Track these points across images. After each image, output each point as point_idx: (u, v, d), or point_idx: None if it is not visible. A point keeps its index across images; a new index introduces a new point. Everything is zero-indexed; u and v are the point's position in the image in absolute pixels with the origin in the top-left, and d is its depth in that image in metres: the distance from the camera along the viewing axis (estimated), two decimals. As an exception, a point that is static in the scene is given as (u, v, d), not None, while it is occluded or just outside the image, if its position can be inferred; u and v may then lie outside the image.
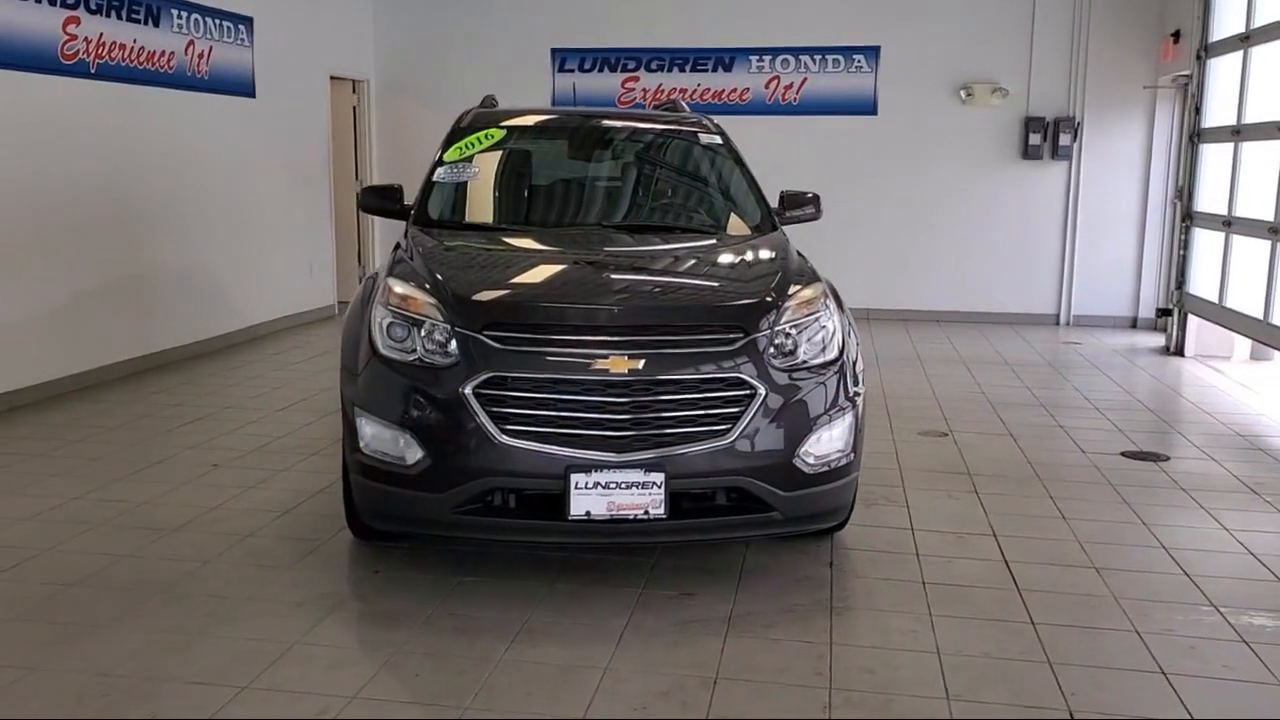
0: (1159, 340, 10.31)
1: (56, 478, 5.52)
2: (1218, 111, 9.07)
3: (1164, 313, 9.80)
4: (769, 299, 4.19)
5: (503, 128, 5.55)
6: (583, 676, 3.51)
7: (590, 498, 3.84)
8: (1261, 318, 7.80)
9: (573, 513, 3.84)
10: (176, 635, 3.77)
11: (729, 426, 3.93)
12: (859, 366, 4.38)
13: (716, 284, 4.50)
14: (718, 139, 5.66)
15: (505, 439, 3.86)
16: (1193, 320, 9.48)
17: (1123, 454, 6.32)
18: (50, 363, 7.23)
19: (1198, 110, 9.34)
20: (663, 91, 11.53)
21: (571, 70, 11.69)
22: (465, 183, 5.29)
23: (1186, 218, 9.49)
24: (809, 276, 4.49)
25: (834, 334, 4.26)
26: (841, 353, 4.25)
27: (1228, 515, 5.22)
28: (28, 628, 3.82)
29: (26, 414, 6.80)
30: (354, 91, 11.69)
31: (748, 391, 3.95)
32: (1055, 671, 3.60)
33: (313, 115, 10.74)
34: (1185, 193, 9.51)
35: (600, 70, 11.66)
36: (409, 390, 4.00)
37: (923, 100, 11.22)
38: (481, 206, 5.36)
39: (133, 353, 8.03)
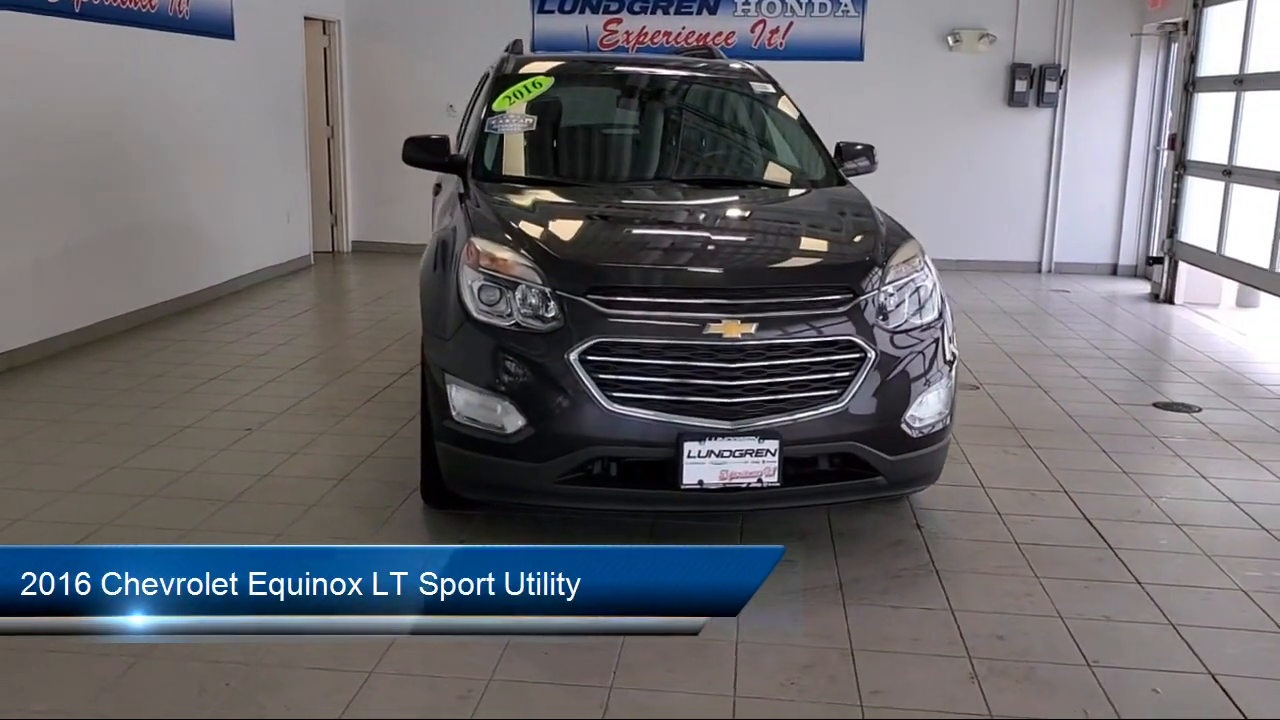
0: (1144, 287, 10.43)
1: (85, 444, 5.25)
2: (1215, 60, 9.11)
3: (1155, 260, 9.90)
4: (873, 258, 4.09)
5: (550, 75, 5.33)
6: (717, 649, 3.42)
7: (703, 466, 3.73)
8: (1268, 266, 7.89)
9: (685, 482, 3.73)
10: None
11: (840, 391, 3.84)
12: (952, 326, 4.30)
13: (818, 243, 4.38)
14: (770, 88, 5.51)
15: (614, 407, 3.72)
16: (1183, 268, 9.59)
17: (1154, 405, 6.37)
18: (45, 320, 6.87)
19: (1193, 59, 9.38)
20: (646, 34, 11.28)
21: (552, 11, 11.37)
22: (521, 134, 5.08)
23: (1180, 166, 9.55)
24: (902, 233, 4.39)
25: (932, 293, 4.18)
26: (940, 313, 4.18)
27: (1281, 467, 5.30)
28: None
29: (28, 375, 6.47)
30: (324, 32, 11.24)
31: (858, 354, 3.86)
32: (1181, 634, 3.60)
33: (288, 57, 10.31)
34: (1179, 141, 9.56)
35: (581, 11, 11.35)
36: (508, 357, 3.83)
37: (910, 46, 11.11)
38: (542, 160, 5.16)
39: (124, 308, 7.67)
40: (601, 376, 3.73)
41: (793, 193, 4.96)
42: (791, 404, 3.78)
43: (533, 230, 4.16)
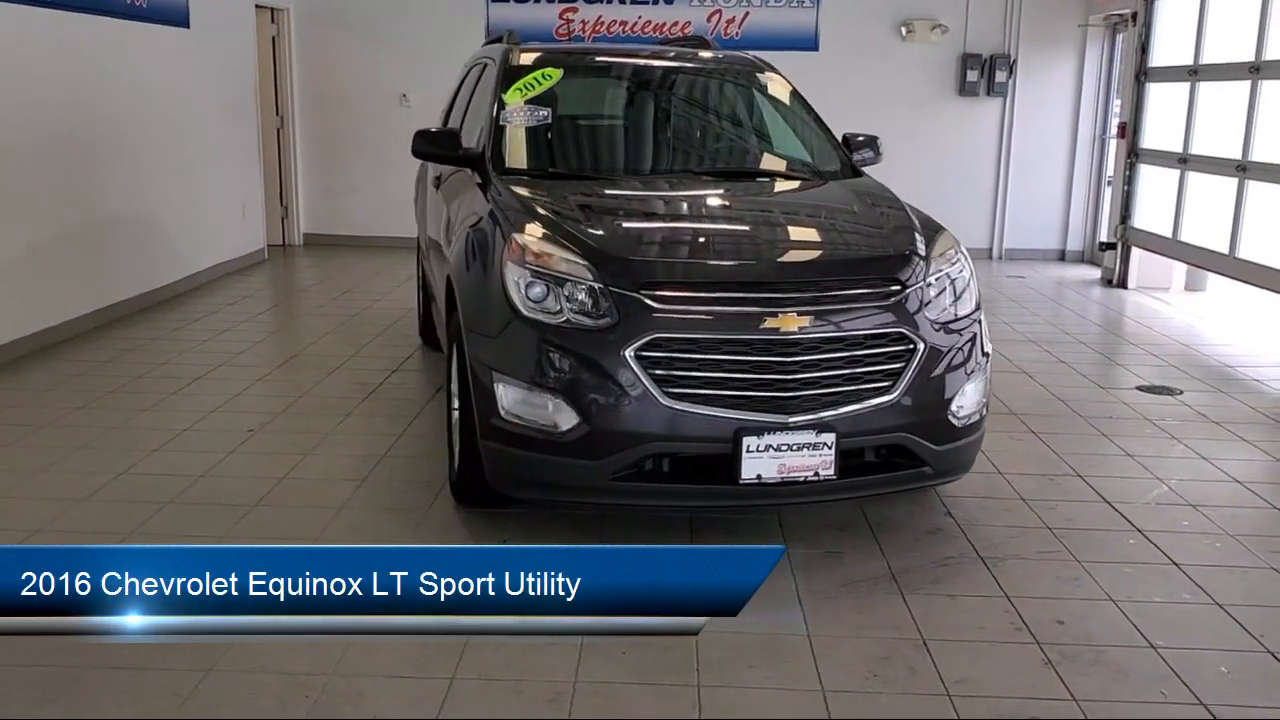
0: (1093, 273, 10.70)
1: (84, 450, 5.06)
2: (1168, 51, 9.35)
3: (1107, 246, 10.14)
4: (917, 249, 4.13)
5: (560, 67, 5.25)
6: (792, 644, 3.43)
7: (761, 461, 3.73)
8: (1227, 251, 8.14)
9: (744, 477, 3.73)
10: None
11: (891, 383, 3.87)
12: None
13: (862, 235, 4.38)
14: (775, 79, 5.51)
15: (671, 403, 3.70)
16: (1135, 252, 9.84)
17: (1137, 388, 6.54)
18: (12, 321, 6.60)
19: (1144, 49, 9.62)
20: (602, 24, 11.21)
21: (506, 0, 11.24)
22: (539, 127, 4.99)
23: (1132, 154, 9.80)
24: (935, 225, 4.43)
25: (969, 283, 4.23)
26: (977, 304, 4.23)
27: (1275, 447, 5.47)
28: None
29: (3, 379, 6.21)
30: (273, 21, 10.95)
31: (909, 346, 3.89)
32: (1229, 613, 3.70)
33: (241, 46, 10.04)
34: (1130, 130, 9.80)
35: (536, 0, 11.24)
36: (560, 354, 3.78)
37: (864, 36, 11.21)
38: (563, 153, 5.10)
39: (89, 307, 7.40)
40: (657, 372, 3.71)
41: (819, 184, 4.96)
42: (846, 397, 3.80)
43: (575, 225, 4.10)
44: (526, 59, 5.28)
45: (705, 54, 5.72)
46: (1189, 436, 5.62)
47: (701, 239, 4.21)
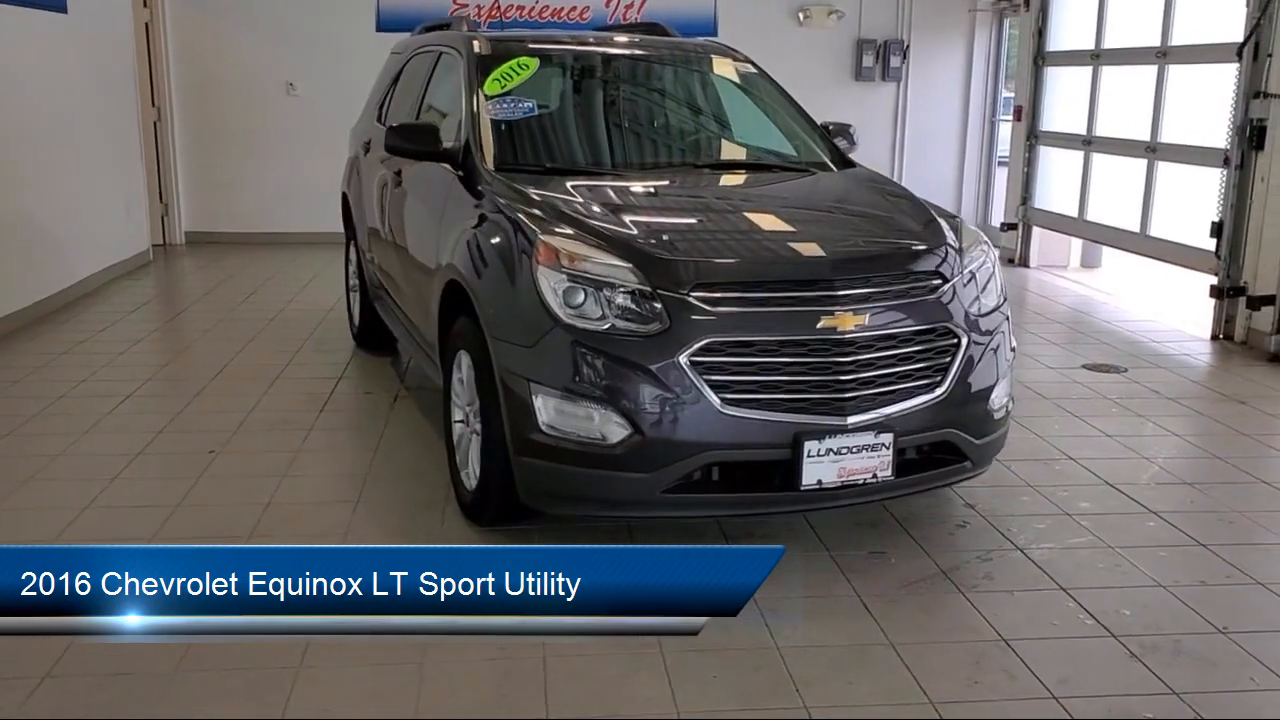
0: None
1: (33, 483, 4.59)
2: (1065, 35, 9.62)
3: (1009, 226, 10.40)
4: (950, 241, 4.07)
5: (536, 56, 4.99)
6: (878, 655, 3.33)
7: (822, 465, 3.61)
8: (1139, 230, 8.43)
9: (804, 482, 3.60)
10: (397, 664, 3.24)
11: (940, 379, 3.81)
12: (1007, 307, 4.34)
13: (895, 228, 4.26)
14: (752, 69, 5.40)
15: (728, 409, 3.55)
16: (1035, 232, 10.12)
17: (1084, 367, 6.70)
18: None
19: (1040, 34, 9.87)
20: (499, 9, 10.89)
21: (396, -16, 10.79)
22: (525, 120, 4.73)
23: (1031, 136, 10.06)
24: (950, 214, 4.38)
25: (994, 274, 4.20)
26: (1005, 295, 4.21)
27: (1240, 421, 5.66)
28: (228, 677, 3.16)
29: (-96, 406, 5.60)
30: (146, 5, 10.24)
31: (954, 341, 3.84)
32: (1275, 592, 3.77)
33: (119, 32, 9.34)
34: (1028, 113, 10.05)
35: (428, -16, 10.83)
36: (608, 362, 3.58)
37: (762, 21, 11.17)
38: (560, 147, 4.83)
39: (-21, 321, 6.78)
40: (713, 378, 3.55)
41: (826, 175, 4.84)
42: (899, 395, 3.72)
43: (605, 224, 3.88)
44: (498, 48, 5.00)
45: (686, 42, 5.55)
46: (1152, 413, 5.77)
47: (741, 236, 4.03)
